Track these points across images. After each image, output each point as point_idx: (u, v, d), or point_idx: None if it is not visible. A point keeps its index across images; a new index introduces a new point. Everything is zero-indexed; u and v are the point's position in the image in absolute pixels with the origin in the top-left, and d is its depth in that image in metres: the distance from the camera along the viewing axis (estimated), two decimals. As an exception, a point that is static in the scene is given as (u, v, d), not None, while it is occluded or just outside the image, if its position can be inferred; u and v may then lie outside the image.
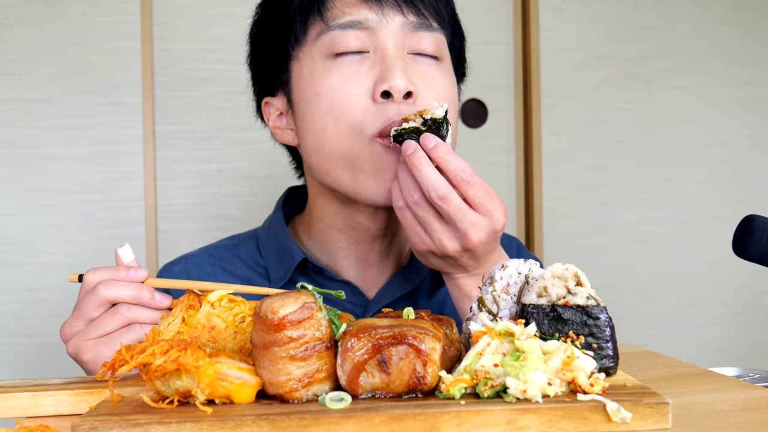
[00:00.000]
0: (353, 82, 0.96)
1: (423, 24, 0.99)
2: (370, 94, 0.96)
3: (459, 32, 1.10)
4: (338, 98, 0.97)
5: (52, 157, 1.84)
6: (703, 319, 2.12)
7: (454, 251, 0.90)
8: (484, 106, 2.03)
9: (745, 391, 0.68)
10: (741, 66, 2.13)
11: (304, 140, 1.02)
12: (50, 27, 1.83)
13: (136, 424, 0.55)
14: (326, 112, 0.97)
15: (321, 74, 0.98)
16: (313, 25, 1.00)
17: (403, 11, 0.98)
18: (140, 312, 0.85)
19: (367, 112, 0.96)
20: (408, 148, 0.89)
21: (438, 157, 0.88)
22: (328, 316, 0.61)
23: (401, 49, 0.98)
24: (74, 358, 0.87)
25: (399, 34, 0.98)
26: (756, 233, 0.83)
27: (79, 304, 0.86)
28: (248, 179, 1.92)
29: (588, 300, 0.64)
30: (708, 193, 2.12)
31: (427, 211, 0.90)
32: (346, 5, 0.98)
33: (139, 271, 0.86)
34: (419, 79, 0.98)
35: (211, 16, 1.90)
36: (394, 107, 0.95)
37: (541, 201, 2.03)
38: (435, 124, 0.90)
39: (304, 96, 1.00)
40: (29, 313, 1.83)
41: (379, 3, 0.97)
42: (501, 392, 0.58)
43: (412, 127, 0.90)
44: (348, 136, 0.97)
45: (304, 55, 1.01)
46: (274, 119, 1.09)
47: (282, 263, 1.08)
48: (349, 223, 1.07)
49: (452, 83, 1.04)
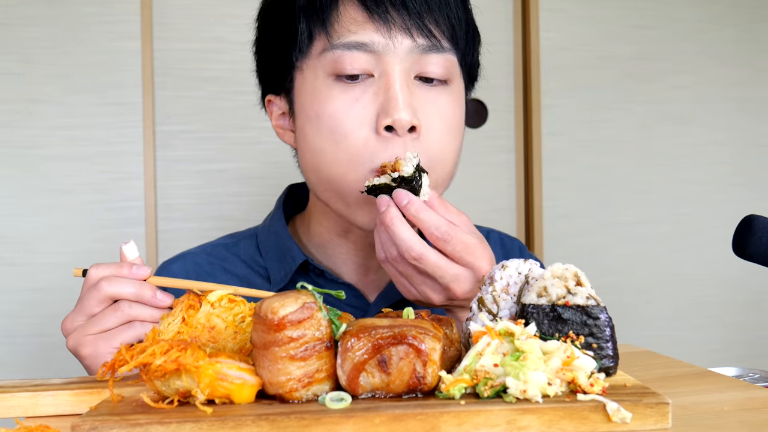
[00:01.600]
0: (356, 109, 0.93)
1: (433, 47, 0.95)
2: (373, 126, 0.93)
3: (473, 43, 1.04)
4: (339, 126, 0.93)
5: (53, 157, 1.84)
6: (702, 318, 2.12)
7: (440, 302, 0.90)
8: (484, 106, 2.03)
9: (745, 391, 0.68)
10: (740, 66, 2.13)
11: (302, 155, 1.01)
12: (51, 27, 1.84)
13: (136, 424, 0.55)
14: (326, 136, 0.95)
15: (323, 95, 0.95)
16: (318, 39, 0.96)
17: (412, 35, 0.93)
18: (141, 310, 0.84)
19: (367, 145, 0.93)
20: (380, 205, 0.87)
21: (411, 216, 0.86)
22: (328, 316, 0.61)
23: (407, 75, 0.94)
24: (73, 353, 0.87)
25: (406, 59, 0.94)
26: (756, 233, 0.83)
27: (81, 299, 0.86)
28: (248, 179, 1.92)
29: (588, 300, 0.64)
30: (708, 193, 2.12)
31: (406, 267, 0.89)
32: (352, 22, 0.94)
33: (142, 268, 0.86)
34: (425, 109, 0.95)
35: (211, 16, 1.90)
36: (399, 142, 0.92)
37: (541, 201, 2.03)
38: (405, 181, 0.87)
39: (305, 113, 0.98)
40: (29, 313, 1.83)
41: (387, 24, 0.92)
42: (501, 392, 0.58)
43: (382, 184, 0.88)
44: (345, 164, 0.94)
45: (307, 68, 0.97)
46: (277, 117, 1.07)
47: (283, 264, 1.07)
48: (347, 230, 1.06)
49: (459, 108, 1.00)
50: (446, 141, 0.98)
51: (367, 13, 0.93)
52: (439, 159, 0.97)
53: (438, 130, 0.96)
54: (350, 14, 0.94)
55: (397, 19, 0.93)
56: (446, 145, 0.98)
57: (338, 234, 1.07)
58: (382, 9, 0.93)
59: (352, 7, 0.94)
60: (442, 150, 0.97)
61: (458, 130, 1.00)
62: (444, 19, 0.96)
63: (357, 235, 1.06)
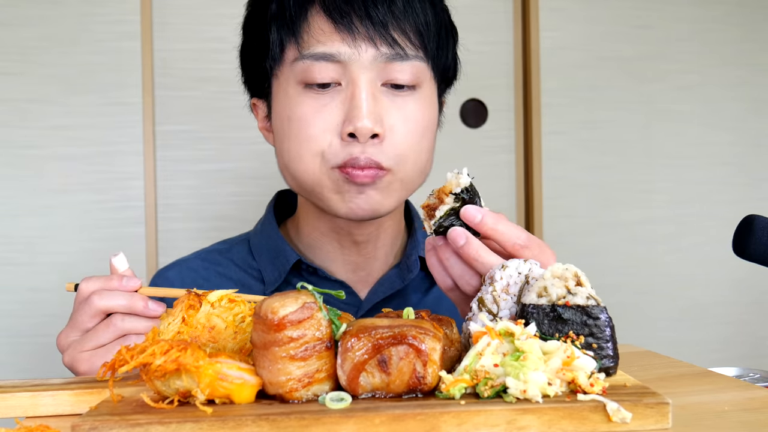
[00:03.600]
0: (322, 116, 0.97)
1: (397, 55, 0.97)
2: (338, 132, 0.97)
3: (447, 45, 1.05)
4: (305, 130, 0.98)
5: (53, 157, 1.84)
6: (702, 318, 2.12)
7: None
8: (484, 106, 2.03)
9: (745, 391, 0.68)
10: (741, 66, 2.13)
11: (278, 155, 1.05)
12: (50, 27, 1.83)
13: (136, 424, 0.55)
14: (295, 138, 0.99)
15: (294, 100, 0.99)
16: (289, 49, 0.99)
17: (376, 44, 0.96)
18: (134, 323, 0.85)
19: (331, 147, 0.97)
20: (458, 239, 0.78)
21: (489, 229, 0.78)
22: (328, 316, 0.61)
23: (373, 84, 0.97)
24: (70, 369, 0.87)
25: (371, 68, 0.97)
26: (756, 233, 0.83)
27: (74, 315, 0.86)
28: (248, 179, 1.92)
29: (588, 300, 0.64)
30: (709, 193, 2.12)
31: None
32: (321, 33, 0.97)
33: (132, 280, 0.86)
34: (390, 115, 0.97)
35: (211, 16, 1.90)
36: (358, 147, 0.96)
37: (541, 201, 2.03)
38: (468, 193, 0.78)
39: (279, 116, 1.02)
40: (29, 313, 1.83)
41: (352, 35, 0.96)
42: (501, 392, 0.58)
43: (448, 211, 0.78)
44: (311, 163, 0.98)
45: (281, 75, 1.01)
46: (262, 119, 1.11)
47: (276, 265, 1.09)
48: (332, 228, 1.09)
49: (428, 111, 1.02)
50: (413, 141, 1.00)
51: (334, 25, 0.96)
52: (406, 157, 0.99)
53: (403, 132, 0.98)
54: (318, 25, 0.97)
55: (362, 29, 0.96)
56: (413, 145, 1.00)
57: (323, 233, 1.10)
58: (347, 20, 0.96)
59: (320, 19, 0.97)
60: (410, 148, 0.99)
61: (427, 131, 1.02)
62: (411, 26, 0.98)
63: (343, 233, 1.08)
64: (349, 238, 1.09)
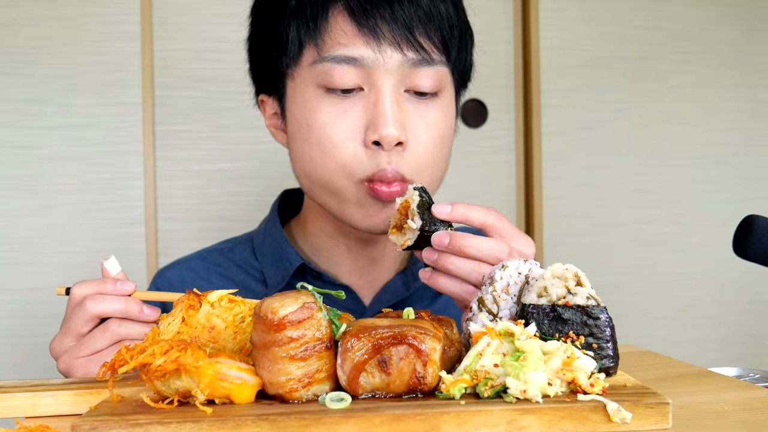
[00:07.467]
0: (344, 123, 0.93)
1: (423, 60, 0.94)
2: (361, 139, 0.93)
3: (466, 47, 1.03)
4: (328, 137, 0.93)
5: (53, 157, 1.84)
6: (702, 319, 2.12)
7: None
8: (484, 106, 2.03)
9: (745, 391, 0.68)
10: (739, 66, 2.13)
11: (294, 160, 1.01)
12: (50, 27, 1.83)
13: (136, 424, 0.55)
14: (316, 145, 0.95)
15: (313, 105, 0.95)
16: (308, 49, 0.95)
17: (402, 49, 0.92)
18: (130, 328, 0.83)
19: (356, 156, 0.93)
20: (443, 238, 0.79)
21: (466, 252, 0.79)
22: (328, 316, 0.61)
23: (397, 90, 0.94)
24: (65, 376, 0.85)
25: (396, 73, 0.93)
26: (756, 233, 0.83)
27: (67, 320, 0.84)
28: (248, 179, 1.92)
29: (588, 300, 0.64)
30: (708, 193, 2.12)
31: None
32: (342, 35, 0.92)
33: (126, 283, 0.83)
34: (413, 122, 0.95)
35: (211, 16, 1.90)
36: (384, 157, 0.92)
37: (541, 201, 2.03)
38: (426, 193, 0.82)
39: (296, 120, 0.98)
40: (29, 313, 1.83)
41: (377, 39, 0.91)
42: (501, 392, 0.58)
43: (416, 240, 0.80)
44: (335, 172, 0.94)
45: (298, 76, 0.97)
46: (270, 117, 1.07)
47: (279, 268, 1.07)
48: (340, 231, 1.06)
49: (448, 118, 1.00)
50: (435, 149, 0.98)
51: (357, 26, 0.92)
52: (428, 165, 0.97)
53: (425, 140, 0.96)
54: (340, 26, 0.93)
55: (387, 33, 0.92)
56: (435, 153, 0.98)
57: (330, 235, 1.08)
58: (372, 22, 0.91)
59: (342, 19, 0.93)
60: (431, 157, 0.97)
61: (447, 139, 1.01)
62: (435, 29, 0.95)
63: (351, 237, 1.06)
64: (358, 241, 1.07)
